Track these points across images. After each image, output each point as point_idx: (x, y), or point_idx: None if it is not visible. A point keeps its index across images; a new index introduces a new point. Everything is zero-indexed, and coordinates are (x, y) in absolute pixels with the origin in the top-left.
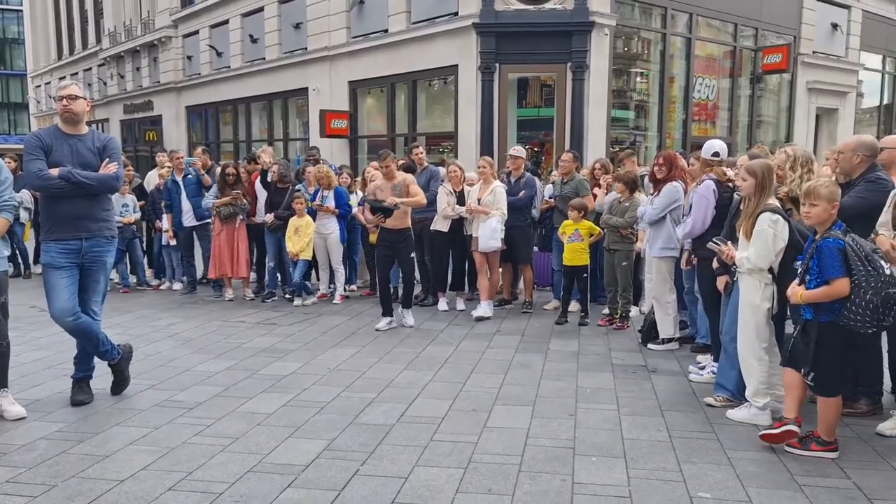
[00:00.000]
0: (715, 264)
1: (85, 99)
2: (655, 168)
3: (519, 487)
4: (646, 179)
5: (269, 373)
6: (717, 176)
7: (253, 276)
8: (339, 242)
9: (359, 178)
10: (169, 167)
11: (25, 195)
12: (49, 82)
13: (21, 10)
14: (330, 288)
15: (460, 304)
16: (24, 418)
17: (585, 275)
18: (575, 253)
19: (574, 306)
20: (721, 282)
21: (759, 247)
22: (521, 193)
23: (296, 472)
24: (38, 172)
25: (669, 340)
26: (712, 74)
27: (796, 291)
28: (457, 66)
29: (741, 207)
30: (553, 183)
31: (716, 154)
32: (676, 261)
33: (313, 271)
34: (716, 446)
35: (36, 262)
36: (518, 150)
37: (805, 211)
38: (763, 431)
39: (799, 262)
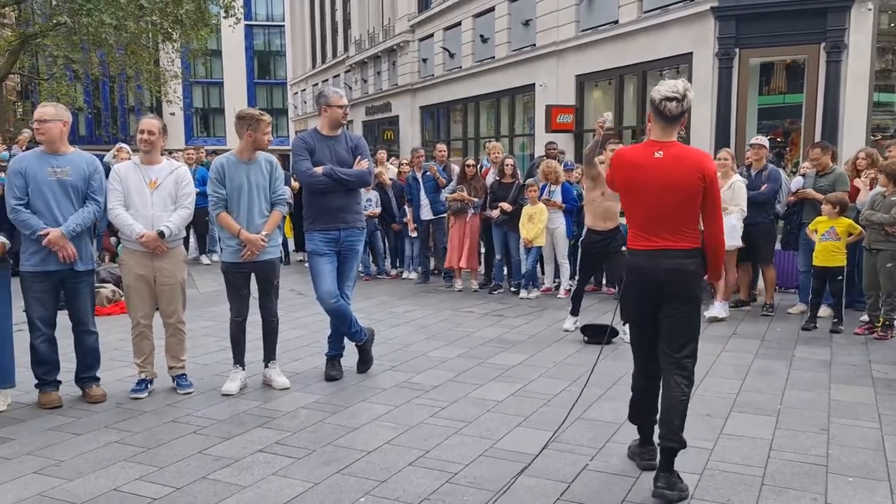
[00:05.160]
0: None
1: None
2: None
3: (762, 502)
4: None
5: (497, 362)
6: None
7: (481, 268)
8: (566, 237)
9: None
10: (406, 163)
11: (286, 191)
12: (305, 89)
13: (283, 25)
14: (555, 282)
15: None
16: (288, 388)
17: (840, 277)
18: (828, 253)
19: (825, 311)
20: None
21: None
22: (763, 187)
23: (525, 460)
24: (307, 171)
25: None
26: None
27: None
28: (691, 53)
29: None
30: (804, 175)
31: None
32: None
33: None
34: None
35: (296, 250)
36: (761, 139)
37: None
38: None
39: None
